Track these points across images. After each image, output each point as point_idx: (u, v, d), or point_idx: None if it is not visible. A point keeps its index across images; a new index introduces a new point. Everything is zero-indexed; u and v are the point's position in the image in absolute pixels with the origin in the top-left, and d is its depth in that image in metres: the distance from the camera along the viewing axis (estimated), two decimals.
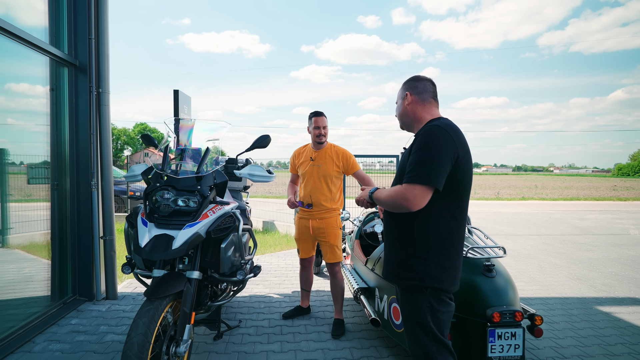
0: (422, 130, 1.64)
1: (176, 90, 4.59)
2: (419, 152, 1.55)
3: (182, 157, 2.31)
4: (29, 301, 3.11)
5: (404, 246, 1.67)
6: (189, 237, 1.96)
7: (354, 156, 3.12)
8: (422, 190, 1.52)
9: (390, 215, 1.76)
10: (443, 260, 1.61)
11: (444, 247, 1.61)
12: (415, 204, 1.52)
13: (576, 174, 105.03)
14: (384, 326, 2.68)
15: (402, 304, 1.73)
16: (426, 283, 1.60)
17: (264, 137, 2.64)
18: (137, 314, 1.81)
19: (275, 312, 3.50)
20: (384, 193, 1.68)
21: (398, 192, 1.57)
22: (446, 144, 1.54)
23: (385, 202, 1.65)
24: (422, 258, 1.61)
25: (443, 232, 1.61)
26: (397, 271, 1.70)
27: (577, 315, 3.53)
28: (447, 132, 1.57)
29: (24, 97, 3.16)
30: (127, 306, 3.50)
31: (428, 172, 1.51)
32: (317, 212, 3.08)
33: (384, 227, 1.87)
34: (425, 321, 1.61)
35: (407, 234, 1.66)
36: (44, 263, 3.31)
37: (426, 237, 1.61)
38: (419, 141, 1.59)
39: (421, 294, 1.62)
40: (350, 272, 3.62)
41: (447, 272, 1.62)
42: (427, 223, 1.61)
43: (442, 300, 1.63)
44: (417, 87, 1.78)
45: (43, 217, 3.31)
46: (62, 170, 3.42)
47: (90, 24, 3.45)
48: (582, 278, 4.78)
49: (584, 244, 7.09)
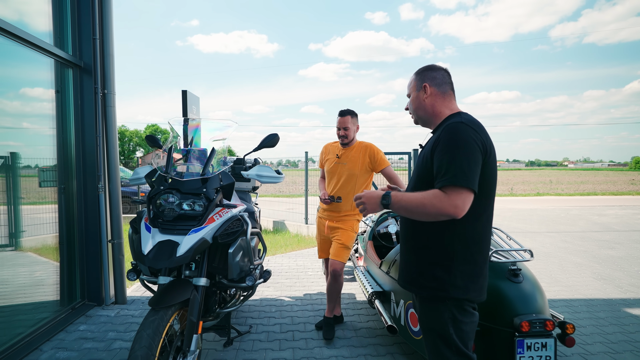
0: (443, 127, 1.48)
1: (184, 90, 4.51)
2: (449, 153, 1.38)
3: (187, 158, 2.21)
4: (38, 306, 3.06)
5: (424, 252, 1.52)
6: (195, 243, 1.86)
7: (382, 152, 2.96)
8: (467, 194, 1.34)
9: (408, 218, 1.58)
10: (469, 268, 1.46)
11: (471, 254, 1.46)
12: (463, 211, 1.33)
13: (592, 168, 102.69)
14: (401, 333, 2.55)
15: (421, 315, 1.59)
16: (450, 293, 1.45)
17: (272, 135, 2.53)
18: (141, 325, 1.72)
19: (286, 317, 3.39)
20: (410, 199, 1.42)
21: (440, 198, 1.35)
22: (475, 142, 1.39)
23: (416, 209, 1.40)
24: (445, 266, 1.46)
25: (470, 238, 1.46)
26: (416, 279, 1.55)
27: (605, 318, 3.34)
28: (473, 129, 1.42)
29: (29, 100, 3.11)
30: (136, 311, 3.43)
31: (467, 173, 1.34)
32: (336, 213, 2.97)
33: (401, 230, 1.71)
34: (447, 333, 1.48)
35: (429, 239, 1.51)
36: (54, 267, 3.26)
37: (451, 244, 1.46)
38: (444, 141, 1.41)
39: (443, 304, 1.48)
40: (364, 274, 3.50)
41: (474, 281, 1.47)
42: (452, 228, 1.45)
43: (465, 311, 1.48)
44: (436, 77, 1.60)
45: (53, 219, 3.26)
46: (68, 173, 3.37)
47: (94, 24, 3.38)
48: (606, 278, 4.56)
49: (606, 241, 6.82)
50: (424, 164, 1.51)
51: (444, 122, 1.54)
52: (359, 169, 2.90)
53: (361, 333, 3.05)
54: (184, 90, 4.52)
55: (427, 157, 1.49)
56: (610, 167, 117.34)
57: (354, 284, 4.30)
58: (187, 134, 2.33)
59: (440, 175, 1.38)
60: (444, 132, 1.44)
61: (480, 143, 1.41)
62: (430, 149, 1.48)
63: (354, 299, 3.87)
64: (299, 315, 3.42)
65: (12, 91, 2.93)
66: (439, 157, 1.41)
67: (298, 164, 24.35)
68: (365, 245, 3.78)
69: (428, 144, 1.58)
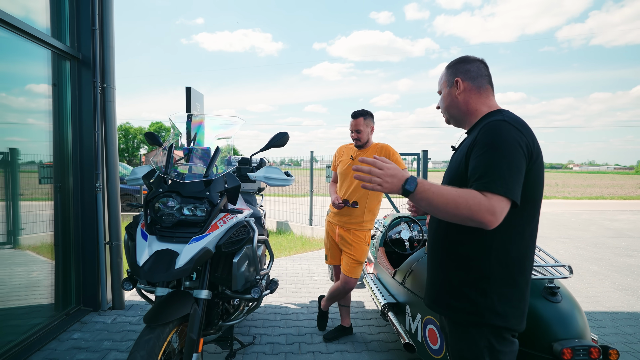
0: (481, 126, 1.27)
1: (188, 87, 4.33)
2: (488, 155, 1.19)
3: (189, 158, 2.02)
4: (31, 311, 2.88)
5: (456, 270, 1.33)
6: (196, 254, 1.67)
7: (399, 154, 2.77)
8: (505, 203, 1.14)
9: (439, 228, 1.39)
10: (509, 291, 1.26)
11: (510, 275, 1.27)
12: (498, 222, 1.13)
13: (597, 171, 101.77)
14: (419, 350, 2.34)
15: (451, 340, 1.39)
16: (485, 320, 1.26)
17: (282, 134, 2.33)
18: (135, 345, 1.53)
19: (292, 326, 3.20)
20: (441, 192, 1.16)
21: (478, 200, 1.13)
22: (519, 145, 1.19)
23: (445, 206, 1.15)
24: (480, 288, 1.27)
25: (509, 256, 1.26)
26: (446, 300, 1.35)
27: (633, 334, 3.13)
28: (517, 128, 1.22)
29: (25, 94, 2.93)
30: (134, 317, 3.25)
31: (507, 179, 1.14)
32: (347, 218, 2.78)
33: (429, 241, 1.49)
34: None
35: (461, 254, 1.31)
36: (50, 268, 3.08)
37: (487, 262, 1.26)
38: (482, 141, 1.22)
39: (478, 331, 1.28)
40: (374, 282, 3.30)
41: (514, 306, 1.27)
42: (489, 243, 1.25)
43: (504, 339, 1.29)
44: (470, 70, 1.41)
45: (50, 218, 3.09)
46: (65, 171, 3.19)
47: (94, 14, 3.19)
48: (628, 289, 4.34)
49: (622, 248, 6.58)
50: (458, 168, 1.32)
51: (482, 121, 1.34)
52: None
53: (372, 346, 2.86)
54: (188, 87, 4.34)
55: (462, 161, 1.29)
56: (616, 171, 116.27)
57: (363, 292, 4.10)
58: (189, 131, 2.14)
59: (475, 179, 1.18)
60: (483, 131, 1.24)
61: (525, 145, 1.20)
62: (466, 152, 1.28)
63: (362, 307, 3.68)
64: (305, 325, 3.23)
65: (6, 84, 2.75)
66: (475, 159, 1.21)
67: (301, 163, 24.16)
68: (376, 252, 3.58)
69: (462, 146, 1.37)
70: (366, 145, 2.79)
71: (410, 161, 7.14)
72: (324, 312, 3.14)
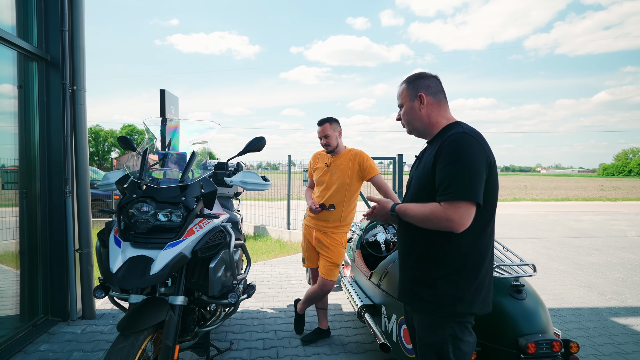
0: (444, 138, 1.43)
1: (162, 89, 4.28)
2: (452, 165, 1.35)
3: (164, 162, 2.00)
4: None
5: (429, 266, 1.46)
6: (171, 259, 1.65)
7: (372, 160, 2.83)
8: (467, 207, 1.32)
9: (410, 230, 1.52)
10: (474, 281, 1.42)
11: (476, 267, 1.43)
12: (461, 225, 1.31)
13: (563, 174, 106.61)
14: (394, 350, 2.40)
15: (420, 330, 1.52)
16: (457, 308, 1.41)
17: (259, 139, 2.35)
18: (108, 354, 1.50)
19: (270, 331, 3.20)
20: (414, 210, 1.43)
21: (437, 212, 1.34)
22: (479, 154, 1.36)
23: (419, 219, 1.41)
24: (452, 280, 1.42)
25: (476, 251, 1.42)
26: (419, 293, 1.49)
27: (594, 328, 3.30)
28: (477, 140, 1.39)
29: None
30: (105, 327, 3.15)
31: (469, 186, 1.32)
32: (324, 223, 2.81)
33: (400, 242, 1.62)
34: (445, 352, 1.42)
35: (434, 252, 1.45)
36: (12, 278, 2.95)
37: (458, 256, 1.41)
38: (447, 153, 1.37)
39: (445, 321, 1.43)
40: (351, 284, 3.34)
41: (479, 293, 1.43)
42: (458, 241, 1.40)
43: (466, 329, 1.44)
44: (430, 86, 1.54)
45: (14, 224, 2.96)
46: (31, 176, 3.07)
47: (63, 14, 3.10)
48: (590, 285, 4.58)
49: (585, 247, 6.93)
50: (425, 175, 1.47)
51: (443, 133, 1.49)
52: (349, 177, 2.75)
53: (350, 348, 2.90)
54: (162, 89, 4.29)
55: (428, 168, 1.45)
56: (581, 173, 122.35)
57: (340, 294, 4.14)
58: (164, 135, 2.12)
59: (442, 189, 1.36)
60: (447, 143, 1.40)
61: (483, 156, 1.38)
62: (432, 160, 1.43)
63: (340, 310, 3.71)
64: (283, 329, 3.23)
65: None
66: (441, 170, 1.38)
67: (278, 167, 24.02)
68: (352, 254, 3.63)
69: (427, 154, 1.52)
70: (338, 151, 2.83)
71: (386, 165, 7.28)
72: (300, 315, 3.14)
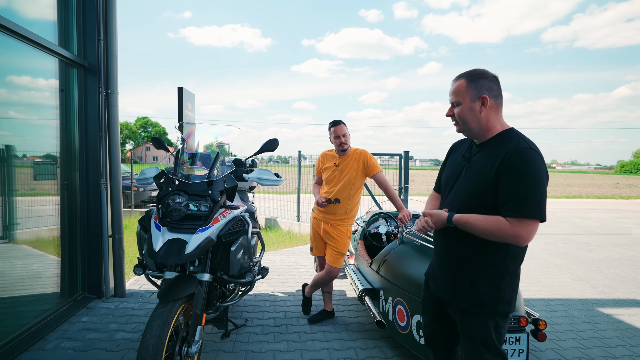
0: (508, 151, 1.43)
1: (180, 87, 4.65)
2: (525, 182, 1.37)
3: (193, 161, 2.35)
4: (39, 298, 3.17)
5: (474, 268, 1.54)
6: (202, 242, 2.01)
7: (374, 158, 3.12)
8: (535, 225, 1.38)
9: (453, 234, 1.57)
10: (514, 282, 1.54)
11: (515, 270, 1.53)
12: (528, 241, 1.38)
13: (579, 171, 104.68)
14: (389, 328, 2.73)
15: (464, 324, 1.59)
16: (499, 308, 1.51)
17: (272, 140, 2.68)
18: (152, 316, 1.86)
19: (280, 311, 3.56)
20: (476, 223, 1.45)
21: (504, 228, 1.38)
22: (544, 171, 1.41)
23: (481, 232, 1.44)
24: (495, 283, 1.50)
25: (516, 255, 1.52)
26: (462, 294, 1.57)
27: (579, 317, 3.58)
28: (541, 156, 1.44)
29: (35, 98, 3.20)
30: (135, 304, 3.56)
31: (542, 206, 1.38)
32: (331, 216, 3.13)
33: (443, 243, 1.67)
34: (490, 339, 1.53)
35: (479, 256, 1.53)
36: (54, 260, 3.37)
37: (503, 261, 1.49)
38: (515, 169, 1.39)
39: (490, 317, 1.53)
40: (354, 271, 3.68)
41: (516, 292, 1.56)
42: (504, 246, 1.48)
43: (506, 317, 1.57)
44: (493, 89, 1.51)
45: (53, 213, 3.35)
46: (72, 170, 3.47)
47: (99, 26, 3.48)
48: (584, 279, 4.82)
49: (587, 243, 7.12)
50: (482, 183, 1.47)
51: (500, 141, 1.50)
52: (354, 175, 3.07)
53: (351, 327, 3.24)
54: (180, 87, 4.66)
55: (488, 178, 1.45)
56: (597, 170, 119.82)
57: (345, 281, 4.48)
58: (190, 138, 2.47)
59: (512, 205, 1.38)
60: (515, 159, 1.40)
61: (546, 172, 1.42)
62: (495, 172, 1.44)
63: (344, 295, 4.05)
64: (292, 310, 3.59)
65: (18, 88, 3.02)
66: (509, 186, 1.40)
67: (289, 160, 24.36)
68: (356, 245, 3.96)
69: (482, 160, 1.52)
70: (346, 152, 3.14)
71: (389, 159, 7.53)
72: (307, 298, 3.50)
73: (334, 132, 3.09)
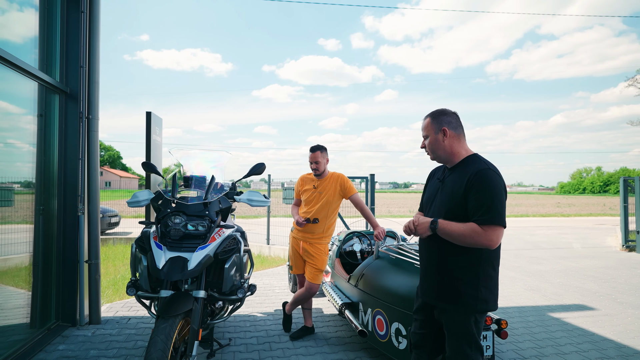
0: (472, 172, 1.73)
1: (149, 112, 4.73)
2: (487, 196, 1.66)
3: (189, 184, 2.50)
4: (13, 328, 3.05)
5: (455, 273, 1.77)
6: (202, 259, 2.15)
7: (350, 181, 3.39)
8: (501, 230, 1.66)
9: (437, 243, 1.81)
10: (490, 284, 1.77)
11: (492, 272, 1.77)
12: (497, 244, 1.66)
13: (524, 192, 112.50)
14: (370, 338, 2.93)
15: (450, 322, 1.82)
16: (477, 306, 1.74)
17: (260, 165, 2.89)
18: (154, 332, 1.95)
19: (261, 330, 3.65)
20: (453, 227, 1.71)
21: (478, 232, 1.64)
22: (504, 188, 1.73)
23: (457, 237, 1.69)
24: (473, 284, 1.74)
25: (492, 259, 1.77)
26: (446, 296, 1.80)
27: (533, 321, 3.98)
28: (500, 175, 1.74)
29: (12, 122, 3.18)
30: (112, 330, 3.50)
31: (502, 214, 1.66)
32: (310, 235, 3.33)
33: (427, 253, 1.90)
34: (471, 334, 1.77)
35: (459, 262, 1.77)
36: (26, 288, 3.26)
37: (478, 265, 1.74)
38: (480, 186, 1.68)
39: (471, 314, 1.77)
40: (332, 288, 3.87)
41: (493, 293, 1.79)
42: (484, 252, 1.74)
43: (484, 313, 1.80)
44: (452, 122, 1.84)
45: (26, 240, 3.27)
46: (49, 195, 3.44)
47: (82, 53, 3.56)
48: (535, 289, 5.32)
49: (535, 257, 7.79)
50: (454, 198, 1.77)
51: (466, 164, 1.80)
52: (332, 196, 3.32)
53: (332, 341, 3.40)
54: (149, 112, 4.74)
55: (458, 194, 1.75)
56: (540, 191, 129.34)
57: (322, 299, 4.64)
58: (185, 162, 2.62)
59: (480, 214, 1.66)
60: (478, 177, 1.70)
61: (504, 187, 1.74)
62: (464, 189, 1.73)
63: (322, 312, 4.21)
64: (272, 329, 3.69)
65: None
66: (477, 199, 1.68)
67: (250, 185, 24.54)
68: (332, 263, 4.17)
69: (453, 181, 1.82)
70: (324, 175, 3.40)
71: (358, 183, 7.93)
72: (288, 315, 3.63)
73: (309, 158, 3.36)
